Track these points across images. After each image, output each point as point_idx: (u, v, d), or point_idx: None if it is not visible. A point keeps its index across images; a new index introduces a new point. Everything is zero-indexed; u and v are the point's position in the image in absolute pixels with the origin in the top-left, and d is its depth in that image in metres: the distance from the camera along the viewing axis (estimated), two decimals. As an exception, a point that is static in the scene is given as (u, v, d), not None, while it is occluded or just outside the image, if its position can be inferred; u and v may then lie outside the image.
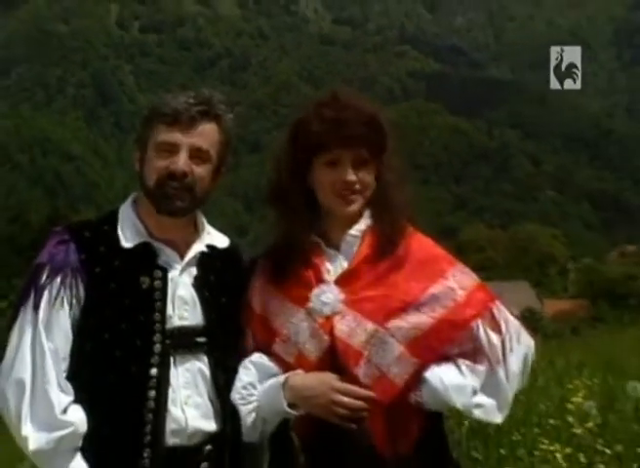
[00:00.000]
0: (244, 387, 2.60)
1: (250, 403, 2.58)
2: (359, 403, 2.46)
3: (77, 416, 2.47)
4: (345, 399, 2.46)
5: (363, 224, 2.62)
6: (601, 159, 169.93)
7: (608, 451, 4.88)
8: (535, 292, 60.33)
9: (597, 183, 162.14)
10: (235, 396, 2.60)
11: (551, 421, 5.46)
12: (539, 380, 7.17)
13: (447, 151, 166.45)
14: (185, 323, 2.59)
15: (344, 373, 2.49)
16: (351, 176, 2.55)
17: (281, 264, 2.65)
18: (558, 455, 4.84)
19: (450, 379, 2.48)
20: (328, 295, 2.54)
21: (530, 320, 39.19)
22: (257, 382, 2.59)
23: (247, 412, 2.58)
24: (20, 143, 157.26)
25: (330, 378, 2.50)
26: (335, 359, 2.51)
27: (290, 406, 2.52)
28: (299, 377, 2.54)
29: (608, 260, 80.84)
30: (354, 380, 2.48)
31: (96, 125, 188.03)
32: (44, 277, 2.52)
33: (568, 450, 4.91)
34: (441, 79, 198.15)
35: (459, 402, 2.48)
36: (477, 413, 2.52)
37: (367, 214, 2.64)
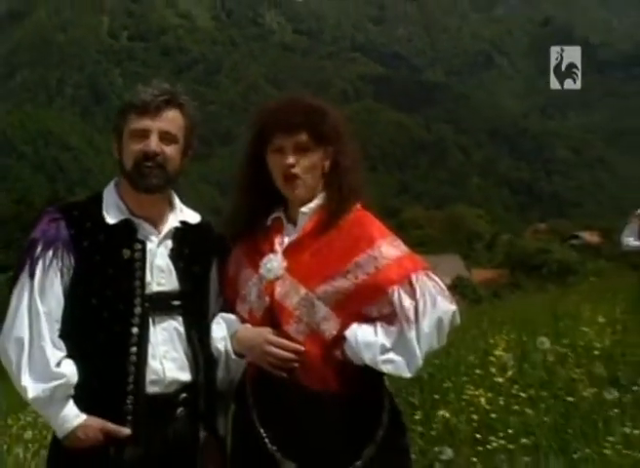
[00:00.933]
0: (222, 339, 2.60)
1: (222, 354, 2.59)
2: (287, 354, 2.46)
3: (69, 369, 2.46)
4: (274, 349, 2.46)
5: (314, 203, 2.58)
6: (518, 152, 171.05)
7: (522, 395, 4.95)
8: (464, 264, 60.74)
9: (515, 172, 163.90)
10: (217, 345, 2.59)
11: (477, 371, 5.52)
12: (466, 337, 7.24)
13: (392, 143, 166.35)
14: (162, 288, 2.57)
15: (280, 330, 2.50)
16: (290, 160, 2.52)
17: (248, 237, 2.66)
18: (482, 399, 4.90)
19: (363, 337, 2.43)
20: (273, 263, 2.54)
21: (460, 287, 39.68)
22: (227, 335, 2.60)
23: (222, 362, 2.59)
24: (25, 136, 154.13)
25: (266, 332, 2.50)
26: (274, 317, 2.52)
27: (238, 355, 2.55)
28: (243, 330, 2.56)
29: (524, 237, 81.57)
30: (287, 336, 2.47)
31: (90, 120, 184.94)
32: (38, 250, 2.50)
33: (490, 395, 4.97)
34: (386, 82, 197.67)
35: (367, 357, 2.43)
36: (387, 368, 2.44)
37: (321, 195, 2.61)
